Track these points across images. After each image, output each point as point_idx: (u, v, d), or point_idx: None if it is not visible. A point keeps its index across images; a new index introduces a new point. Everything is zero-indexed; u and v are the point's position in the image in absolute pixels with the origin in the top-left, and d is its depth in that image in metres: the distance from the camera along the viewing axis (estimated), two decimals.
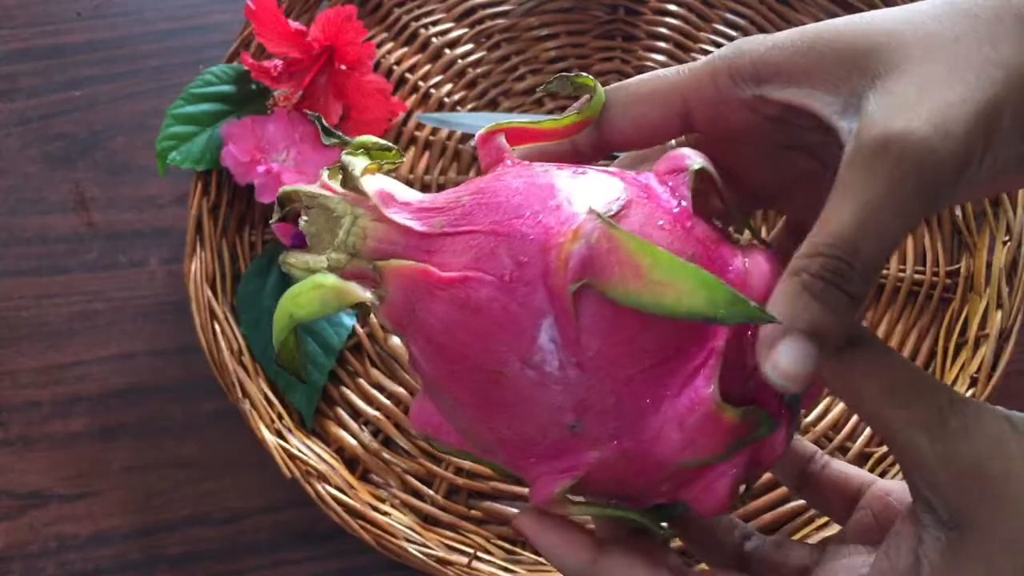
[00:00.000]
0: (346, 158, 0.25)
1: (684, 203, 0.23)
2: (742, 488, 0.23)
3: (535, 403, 0.22)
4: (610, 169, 0.25)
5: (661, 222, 0.22)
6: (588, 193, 0.22)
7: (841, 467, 0.28)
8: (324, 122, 0.27)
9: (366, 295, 0.23)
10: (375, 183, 0.24)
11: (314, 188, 0.25)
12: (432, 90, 0.53)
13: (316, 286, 0.23)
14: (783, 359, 0.20)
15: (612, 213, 0.22)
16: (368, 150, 0.26)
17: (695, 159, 0.24)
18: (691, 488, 0.22)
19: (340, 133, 0.27)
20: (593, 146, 0.26)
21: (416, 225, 0.23)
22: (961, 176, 0.20)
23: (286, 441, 0.43)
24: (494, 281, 0.21)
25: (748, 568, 0.26)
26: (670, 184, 0.24)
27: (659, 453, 0.22)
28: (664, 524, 0.24)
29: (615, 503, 0.24)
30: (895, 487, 0.26)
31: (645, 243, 0.20)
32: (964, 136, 0.20)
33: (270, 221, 0.26)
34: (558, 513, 0.23)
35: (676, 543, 0.38)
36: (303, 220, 0.25)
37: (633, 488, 0.23)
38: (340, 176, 0.25)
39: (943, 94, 0.20)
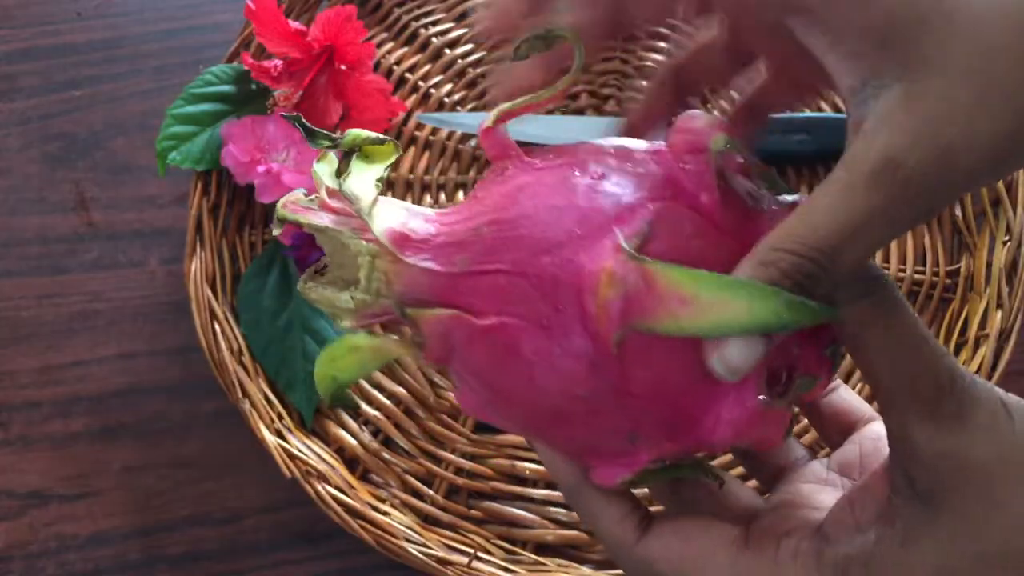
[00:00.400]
0: (349, 189, 0.24)
1: (711, 193, 0.22)
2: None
3: (589, 425, 0.22)
4: (625, 149, 0.23)
5: (692, 231, 0.22)
6: (611, 211, 0.22)
7: (845, 395, 0.28)
8: (306, 123, 0.25)
9: (402, 351, 0.23)
10: (384, 219, 0.23)
11: (319, 218, 0.24)
12: (432, 90, 0.53)
13: (353, 349, 0.23)
14: (733, 354, 0.20)
15: (640, 241, 0.21)
16: (361, 148, 0.25)
17: (717, 137, 0.23)
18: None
19: (327, 132, 0.25)
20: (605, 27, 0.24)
21: (438, 267, 0.23)
22: (964, 194, 0.20)
23: (286, 441, 0.43)
24: (532, 327, 0.22)
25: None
26: (690, 167, 0.23)
27: (714, 443, 0.22)
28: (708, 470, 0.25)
29: (668, 465, 0.24)
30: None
31: (684, 271, 0.20)
32: (971, 168, 0.19)
33: (274, 232, 0.25)
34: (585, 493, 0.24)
35: None
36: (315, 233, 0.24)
37: (689, 456, 0.24)
38: (334, 177, 0.24)
39: (964, 122, 0.19)
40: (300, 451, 0.42)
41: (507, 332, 0.22)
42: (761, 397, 0.21)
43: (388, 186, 0.51)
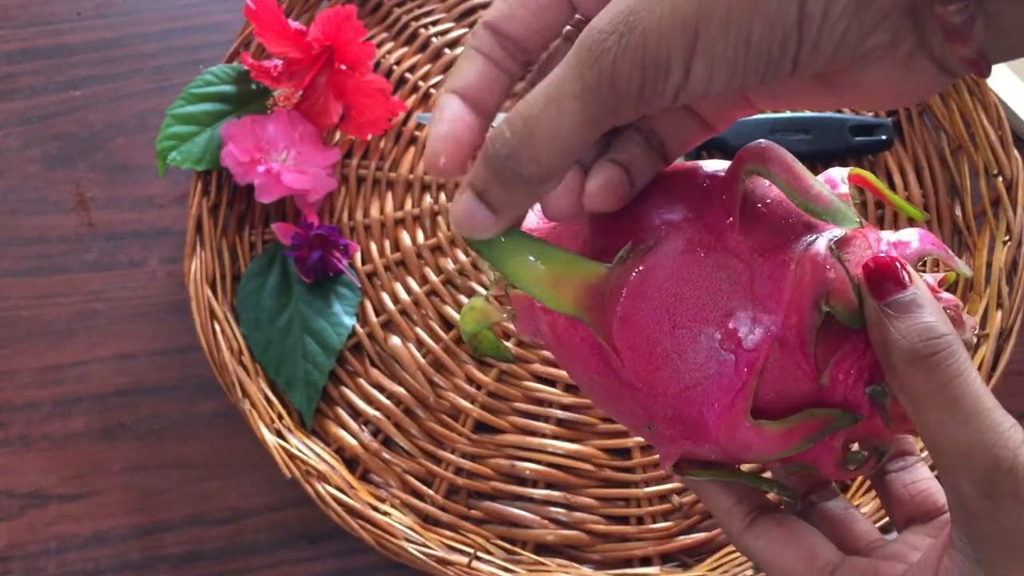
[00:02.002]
0: None
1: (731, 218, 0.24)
2: (862, 461, 0.24)
3: (617, 406, 0.25)
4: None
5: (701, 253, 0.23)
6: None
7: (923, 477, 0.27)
8: None
9: (502, 316, 0.28)
10: None
11: None
12: (432, 90, 0.53)
13: (471, 308, 0.29)
14: (455, 207, 0.22)
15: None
16: None
17: (748, 167, 0.24)
18: (806, 457, 0.23)
19: None
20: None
21: None
22: (653, 88, 0.19)
23: (286, 441, 0.43)
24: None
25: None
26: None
27: (731, 451, 0.23)
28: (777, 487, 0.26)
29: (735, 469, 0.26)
30: None
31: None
32: (655, 46, 0.19)
33: None
34: (682, 478, 0.26)
35: None
36: None
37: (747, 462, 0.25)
38: None
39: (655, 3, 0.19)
40: (300, 451, 0.42)
41: (551, 313, 0.25)
42: (745, 420, 0.22)
43: (388, 186, 0.51)
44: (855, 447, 0.24)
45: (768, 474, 0.28)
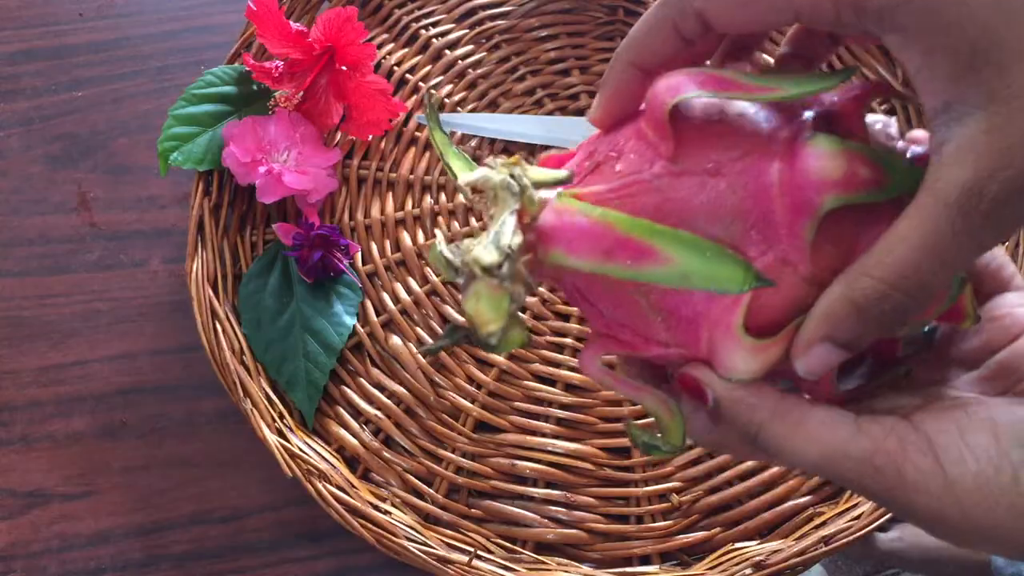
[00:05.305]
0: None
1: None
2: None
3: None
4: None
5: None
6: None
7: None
8: None
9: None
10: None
11: None
12: (432, 91, 0.53)
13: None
14: (814, 362, 0.22)
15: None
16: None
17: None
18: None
19: None
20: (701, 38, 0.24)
21: None
22: None
23: (287, 440, 0.43)
24: None
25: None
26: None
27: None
28: None
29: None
30: None
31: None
32: None
33: None
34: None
35: None
36: None
37: None
38: None
39: None
40: (301, 450, 0.42)
41: None
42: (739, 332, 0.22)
43: (388, 186, 0.51)
44: None
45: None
